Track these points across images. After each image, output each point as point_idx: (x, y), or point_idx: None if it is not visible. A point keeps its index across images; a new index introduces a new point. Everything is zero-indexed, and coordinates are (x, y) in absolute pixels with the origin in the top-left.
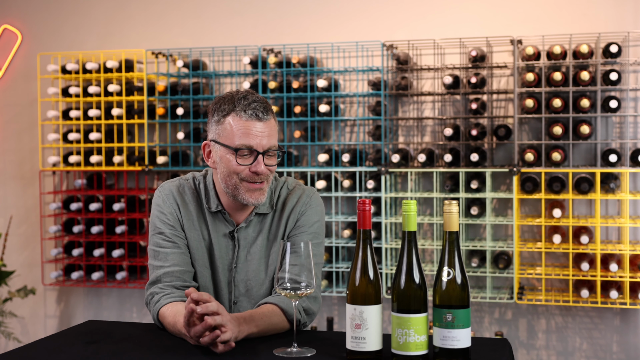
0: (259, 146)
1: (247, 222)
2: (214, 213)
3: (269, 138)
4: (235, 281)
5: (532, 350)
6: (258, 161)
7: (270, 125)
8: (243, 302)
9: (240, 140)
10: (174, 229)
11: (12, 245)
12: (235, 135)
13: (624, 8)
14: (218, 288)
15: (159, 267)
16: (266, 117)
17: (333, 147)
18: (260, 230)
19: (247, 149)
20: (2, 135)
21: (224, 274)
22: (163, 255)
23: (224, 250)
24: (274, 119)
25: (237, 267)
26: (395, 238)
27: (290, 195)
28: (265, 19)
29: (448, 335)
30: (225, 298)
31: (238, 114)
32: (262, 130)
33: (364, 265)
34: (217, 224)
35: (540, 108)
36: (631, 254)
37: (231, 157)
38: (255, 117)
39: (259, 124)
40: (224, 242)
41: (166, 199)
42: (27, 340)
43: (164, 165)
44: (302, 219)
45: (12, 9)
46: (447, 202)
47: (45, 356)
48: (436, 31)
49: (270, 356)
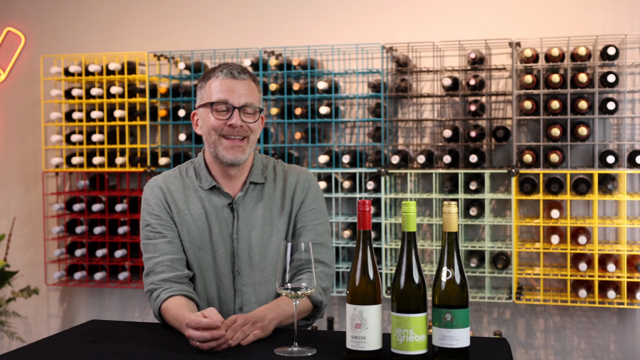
0: (234, 101)
1: (244, 191)
2: (209, 190)
3: (246, 96)
4: (237, 251)
5: (531, 350)
6: (234, 115)
7: (248, 84)
8: (246, 271)
9: (217, 95)
10: (159, 218)
11: (15, 245)
12: (213, 93)
13: (621, 11)
14: (220, 261)
15: (150, 258)
16: (242, 76)
17: (333, 149)
18: (260, 199)
19: (222, 103)
20: (6, 136)
21: (225, 246)
22: (152, 247)
23: (223, 223)
24: (253, 82)
25: (238, 237)
26: (395, 238)
27: (290, 171)
28: (266, 21)
29: (447, 335)
30: (228, 270)
31: (216, 75)
32: (238, 87)
33: (364, 265)
34: (212, 199)
35: (539, 110)
36: (628, 254)
37: (210, 114)
38: (230, 75)
39: (234, 81)
40: (223, 215)
41: (152, 191)
42: (30, 340)
43: (166, 167)
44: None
45: (16, 11)
46: (446, 203)
47: (48, 355)
48: (435, 34)
49: (271, 355)
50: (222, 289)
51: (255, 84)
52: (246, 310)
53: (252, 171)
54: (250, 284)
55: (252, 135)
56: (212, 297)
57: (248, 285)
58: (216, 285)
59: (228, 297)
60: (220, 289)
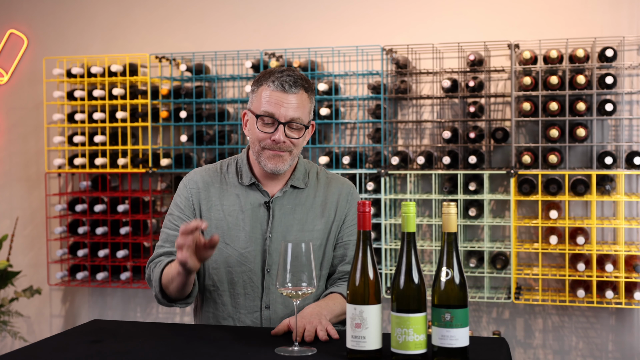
0: (280, 116)
1: (282, 193)
2: (248, 186)
3: (294, 110)
4: (269, 250)
5: (529, 349)
6: (278, 130)
7: (299, 98)
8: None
9: (265, 107)
10: (182, 212)
11: (18, 246)
12: (262, 104)
13: (619, 13)
14: (250, 258)
15: (160, 246)
16: (293, 90)
17: (333, 150)
18: (298, 203)
19: (269, 116)
20: (9, 138)
21: (256, 242)
22: (165, 236)
23: (258, 220)
24: (305, 94)
25: (271, 236)
26: (395, 239)
27: (333, 181)
28: (267, 23)
29: (446, 335)
30: (258, 267)
31: (268, 84)
32: (287, 101)
33: (364, 265)
34: (250, 196)
35: (537, 111)
36: (626, 254)
37: (255, 124)
38: (281, 88)
39: (284, 95)
40: (260, 212)
41: (188, 183)
42: (32, 340)
43: (168, 168)
44: (352, 209)
45: (19, 14)
46: (445, 203)
47: (50, 355)
48: (435, 36)
49: (271, 355)
50: (251, 286)
51: (308, 94)
52: (272, 309)
53: (294, 174)
54: None
55: (295, 150)
56: (238, 292)
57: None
58: (243, 281)
59: (255, 293)
60: (247, 285)
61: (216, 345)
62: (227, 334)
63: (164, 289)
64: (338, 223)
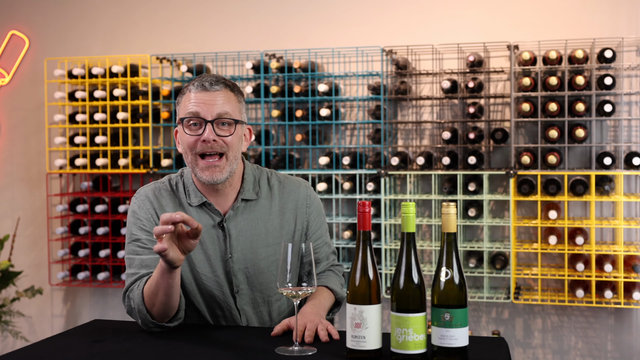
0: (206, 114)
1: (235, 210)
2: (198, 207)
3: (221, 106)
4: (233, 271)
5: (529, 349)
6: (206, 129)
7: (223, 94)
8: (245, 291)
9: (189, 109)
10: (150, 234)
11: (19, 246)
12: (185, 108)
13: (618, 14)
14: (220, 282)
15: (134, 274)
16: (215, 87)
17: (334, 150)
18: (253, 217)
19: (193, 117)
20: (10, 138)
21: (219, 265)
22: (138, 262)
23: (215, 242)
24: (230, 92)
25: (232, 257)
26: (395, 239)
27: (287, 185)
28: (267, 25)
29: (446, 334)
30: (226, 289)
31: (189, 88)
32: (210, 98)
33: (364, 265)
34: (202, 217)
35: (537, 112)
36: (625, 254)
37: (183, 130)
38: (201, 88)
39: (206, 93)
40: (214, 234)
41: (142, 205)
42: (34, 339)
43: (168, 168)
44: (313, 213)
45: (20, 15)
46: (445, 204)
47: (51, 355)
48: (435, 37)
49: (271, 355)
50: (227, 309)
51: (234, 94)
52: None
53: (243, 187)
54: (249, 304)
55: (230, 152)
56: (219, 315)
57: (247, 305)
58: (219, 305)
59: (234, 316)
60: (224, 309)
61: (216, 345)
62: (227, 334)
63: (149, 309)
64: (301, 232)
